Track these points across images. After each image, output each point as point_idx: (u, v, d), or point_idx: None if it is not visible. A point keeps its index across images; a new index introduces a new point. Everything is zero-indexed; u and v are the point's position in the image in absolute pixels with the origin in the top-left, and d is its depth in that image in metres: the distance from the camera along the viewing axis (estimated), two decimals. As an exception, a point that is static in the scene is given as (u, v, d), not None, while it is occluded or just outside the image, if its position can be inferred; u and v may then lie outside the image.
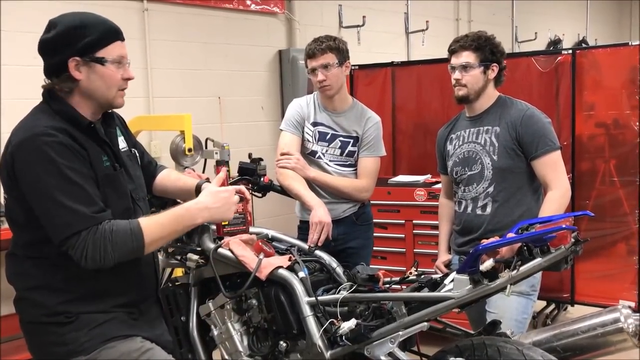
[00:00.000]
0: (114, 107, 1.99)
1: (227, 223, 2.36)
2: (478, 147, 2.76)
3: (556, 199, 2.60)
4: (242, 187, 2.37)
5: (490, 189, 2.72)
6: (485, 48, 2.72)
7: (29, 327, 1.95)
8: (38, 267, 1.89)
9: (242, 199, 2.35)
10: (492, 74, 2.75)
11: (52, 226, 1.80)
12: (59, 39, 1.85)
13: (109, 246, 1.80)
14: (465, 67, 2.71)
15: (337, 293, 2.25)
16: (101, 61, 1.86)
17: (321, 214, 2.72)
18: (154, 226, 1.89)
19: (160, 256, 2.56)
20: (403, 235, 4.22)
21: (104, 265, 1.82)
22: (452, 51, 2.77)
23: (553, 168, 2.65)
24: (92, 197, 1.82)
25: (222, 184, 2.14)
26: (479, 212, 2.74)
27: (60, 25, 1.86)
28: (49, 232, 1.81)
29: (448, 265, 2.90)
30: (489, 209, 2.72)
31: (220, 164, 2.35)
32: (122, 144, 2.07)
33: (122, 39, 1.94)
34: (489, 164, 2.72)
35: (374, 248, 3.28)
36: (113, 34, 1.91)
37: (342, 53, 2.94)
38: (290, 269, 2.36)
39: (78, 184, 1.79)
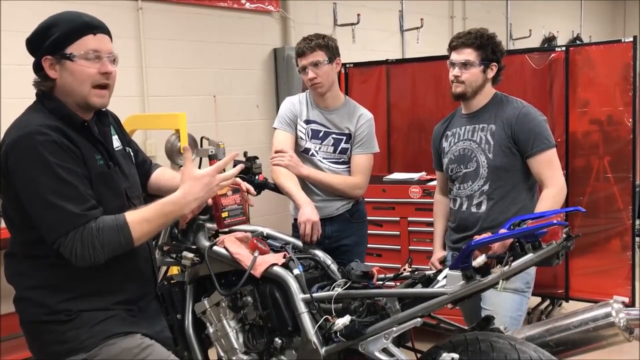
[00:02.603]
0: (91, 107, 1.92)
1: (227, 215, 2.36)
2: (473, 144, 2.76)
3: (551, 196, 2.60)
4: (237, 179, 2.38)
5: (486, 187, 2.72)
6: (487, 47, 2.71)
7: (29, 326, 1.95)
8: (36, 266, 1.90)
9: (238, 191, 2.36)
10: (491, 73, 2.74)
11: (44, 226, 1.81)
12: (33, 39, 1.87)
13: (97, 244, 1.79)
14: (465, 65, 2.70)
15: (332, 290, 2.26)
16: (70, 57, 1.83)
17: (308, 212, 2.74)
18: (141, 222, 1.86)
19: (157, 255, 2.57)
20: (398, 233, 4.24)
21: (96, 262, 1.82)
22: (454, 47, 2.75)
23: (548, 166, 2.65)
24: (83, 195, 1.82)
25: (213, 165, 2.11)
26: (474, 209, 2.75)
27: (37, 26, 1.88)
28: (41, 231, 1.81)
29: (443, 261, 2.92)
30: (484, 207, 2.73)
31: (213, 158, 2.33)
32: (116, 142, 2.07)
33: (95, 33, 1.87)
34: (484, 162, 2.72)
35: (369, 245, 3.29)
36: (83, 28, 1.85)
37: (331, 50, 2.95)
38: (285, 266, 2.37)
39: (70, 182, 1.79)
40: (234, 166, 2.91)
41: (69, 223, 1.78)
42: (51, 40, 1.84)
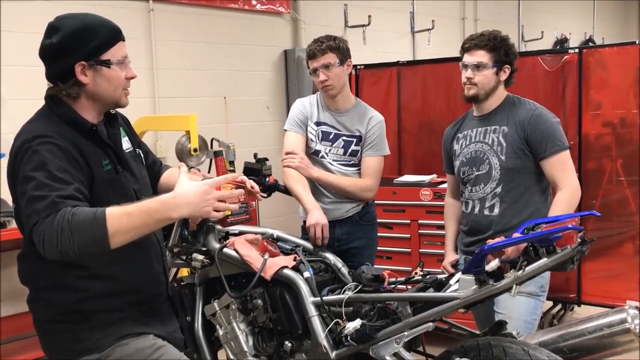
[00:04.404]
0: (120, 107, 1.98)
1: (230, 213, 2.33)
2: (486, 147, 2.74)
3: (565, 198, 2.57)
4: (244, 177, 2.36)
5: (498, 190, 2.69)
6: (500, 49, 2.68)
7: (43, 326, 1.96)
8: (49, 266, 1.88)
9: (243, 189, 2.35)
10: (504, 75, 2.72)
11: (24, 218, 1.75)
12: (64, 45, 1.83)
13: (67, 229, 1.65)
14: (478, 67, 2.68)
15: (342, 293, 2.25)
16: (107, 64, 1.86)
17: (317, 216, 2.73)
18: (121, 215, 1.70)
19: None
20: (409, 235, 4.21)
21: (63, 252, 1.67)
22: (466, 49, 2.73)
23: (562, 168, 2.62)
24: (72, 191, 1.74)
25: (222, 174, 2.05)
26: (486, 212, 2.72)
27: (63, 30, 1.84)
28: (24, 226, 1.77)
29: (455, 265, 2.89)
30: (496, 210, 2.70)
31: (218, 155, 2.27)
32: (126, 144, 2.07)
33: (124, 39, 1.93)
34: (496, 164, 2.70)
35: (379, 248, 3.28)
36: (116, 35, 1.90)
37: (342, 52, 2.94)
38: (295, 269, 2.37)
39: (61, 179, 1.74)
40: (244, 169, 2.93)
41: (43, 210, 1.69)
42: (90, 47, 1.83)
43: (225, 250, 2.46)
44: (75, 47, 1.83)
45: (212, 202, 1.80)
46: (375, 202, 3.21)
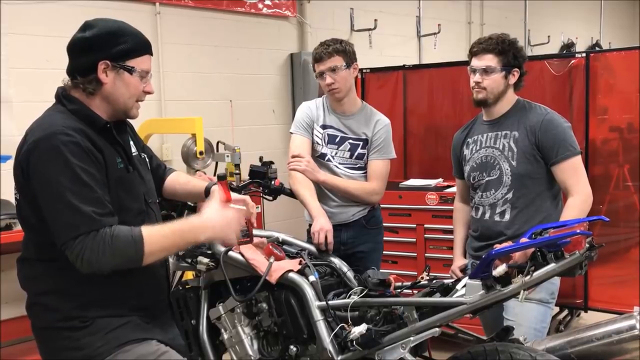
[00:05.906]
0: (129, 117, 2.00)
1: None
2: (496, 152, 2.71)
3: (577, 205, 2.54)
4: (247, 198, 2.30)
5: (509, 195, 2.67)
6: (508, 52, 2.66)
7: (42, 332, 1.93)
8: (49, 270, 1.88)
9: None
10: (513, 79, 2.69)
11: (56, 226, 1.78)
12: (95, 40, 1.86)
13: (108, 251, 1.74)
14: (486, 71, 2.66)
15: (348, 297, 2.24)
16: (130, 70, 1.89)
17: (322, 222, 2.71)
18: (156, 237, 1.82)
19: (171, 259, 2.56)
20: (414, 240, 4.20)
21: (99, 270, 1.76)
22: (474, 53, 2.71)
23: (574, 173, 2.59)
24: (102, 200, 1.80)
25: (227, 200, 2.00)
26: (497, 218, 2.70)
27: (99, 27, 1.88)
28: (53, 232, 1.79)
29: (464, 269, 2.87)
30: (507, 216, 2.67)
31: (222, 179, 2.12)
32: (132, 148, 2.06)
33: (152, 54, 1.97)
34: (507, 169, 2.68)
35: (385, 252, 3.26)
36: (145, 47, 1.94)
37: (349, 55, 2.93)
38: (301, 272, 2.36)
39: (89, 185, 1.77)
40: (249, 172, 2.93)
41: (82, 225, 1.75)
42: (119, 49, 1.86)
43: (231, 253, 2.45)
44: (105, 44, 1.86)
45: (235, 229, 1.96)
46: (381, 206, 3.20)
